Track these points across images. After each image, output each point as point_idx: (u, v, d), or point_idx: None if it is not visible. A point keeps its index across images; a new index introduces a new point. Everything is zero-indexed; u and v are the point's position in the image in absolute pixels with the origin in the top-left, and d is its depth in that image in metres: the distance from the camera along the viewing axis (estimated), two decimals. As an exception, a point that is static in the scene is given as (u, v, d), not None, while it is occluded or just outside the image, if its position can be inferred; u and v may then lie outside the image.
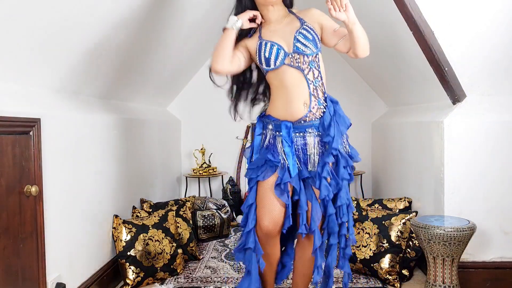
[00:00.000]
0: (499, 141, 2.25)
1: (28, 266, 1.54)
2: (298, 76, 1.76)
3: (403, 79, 2.91)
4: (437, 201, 2.37)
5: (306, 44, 1.75)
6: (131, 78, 2.61)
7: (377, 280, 2.34)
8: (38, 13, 1.46)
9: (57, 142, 1.78)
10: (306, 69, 1.76)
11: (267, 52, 1.77)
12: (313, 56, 1.77)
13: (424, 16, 2.02)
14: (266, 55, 1.77)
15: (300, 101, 1.77)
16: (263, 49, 1.77)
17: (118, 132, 2.49)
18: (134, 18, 2.12)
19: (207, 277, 2.44)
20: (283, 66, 1.76)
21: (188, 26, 2.87)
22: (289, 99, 1.78)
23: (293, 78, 1.77)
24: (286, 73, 1.77)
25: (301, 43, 1.75)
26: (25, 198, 1.51)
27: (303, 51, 1.75)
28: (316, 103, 1.80)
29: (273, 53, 1.76)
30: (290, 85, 1.77)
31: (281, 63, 1.76)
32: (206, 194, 3.96)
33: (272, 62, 1.77)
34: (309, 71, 1.77)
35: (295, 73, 1.76)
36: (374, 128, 3.89)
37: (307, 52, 1.75)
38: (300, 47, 1.75)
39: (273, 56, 1.76)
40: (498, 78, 2.21)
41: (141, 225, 2.36)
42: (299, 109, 1.77)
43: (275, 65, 1.76)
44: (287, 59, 1.76)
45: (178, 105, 3.98)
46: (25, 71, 1.60)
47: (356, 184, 3.96)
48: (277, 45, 1.76)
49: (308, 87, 1.78)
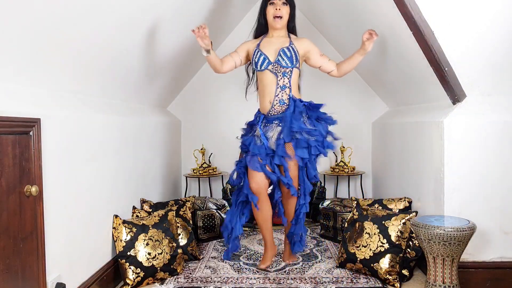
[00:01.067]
0: (499, 141, 2.25)
1: (28, 266, 1.55)
2: (273, 80, 2.49)
3: (403, 79, 2.91)
4: (437, 201, 2.37)
5: (284, 58, 2.48)
6: (131, 78, 2.61)
7: (377, 280, 2.34)
8: (38, 13, 1.46)
9: (57, 142, 1.78)
10: (279, 76, 2.48)
11: (257, 58, 2.52)
12: (287, 69, 2.48)
13: (424, 16, 2.02)
14: (256, 60, 2.53)
15: (267, 99, 2.51)
16: (256, 56, 2.54)
17: (118, 132, 2.49)
18: (135, 18, 2.12)
19: (207, 277, 2.44)
20: (266, 70, 2.51)
21: (189, 25, 2.87)
22: (262, 96, 2.54)
23: (269, 80, 2.50)
24: (267, 76, 2.51)
25: (281, 57, 2.49)
26: (25, 198, 1.51)
27: (281, 63, 2.48)
28: (277, 102, 2.49)
29: (260, 59, 2.51)
30: (265, 86, 2.51)
31: (265, 68, 2.50)
32: (206, 194, 3.96)
33: (259, 66, 2.52)
34: (281, 78, 2.49)
35: (271, 77, 2.50)
36: (374, 128, 3.89)
37: (283, 64, 2.48)
38: (280, 60, 2.49)
39: (260, 62, 2.51)
40: (498, 78, 2.21)
41: (141, 225, 2.36)
42: (267, 105, 2.52)
43: (261, 68, 2.52)
44: (270, 66, 2.50)
45: (178, 105, 3.98)
46: (25, 71, 1.60)
47: (356, 184, 3.96)
48: (264, 55, 2.51)
49: (275, 90, 2.48)
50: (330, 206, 3.20)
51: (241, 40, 2.72)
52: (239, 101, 3.85)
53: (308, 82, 3.75)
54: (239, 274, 2.49)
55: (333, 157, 3.94)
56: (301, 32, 3.80)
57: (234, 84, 3.84)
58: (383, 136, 3.59)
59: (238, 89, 3.84)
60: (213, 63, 2.49)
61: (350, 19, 2.98)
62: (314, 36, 3.89)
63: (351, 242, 2.44)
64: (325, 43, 3.89)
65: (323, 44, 3.88)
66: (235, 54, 2.59)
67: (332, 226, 3.11)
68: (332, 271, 2.51)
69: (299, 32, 2.74)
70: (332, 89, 3.93)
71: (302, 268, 2.58)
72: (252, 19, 2.80)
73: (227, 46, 3.89)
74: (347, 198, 3.59)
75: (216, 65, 2.51)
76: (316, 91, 3.92)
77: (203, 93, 4.00)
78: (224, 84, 3.92)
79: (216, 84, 3.92)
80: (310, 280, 2.37)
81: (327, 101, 3.86)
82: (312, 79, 3.60)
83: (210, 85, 3.94)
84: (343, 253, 2.49)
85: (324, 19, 3.61)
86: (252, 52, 2.55)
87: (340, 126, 3.93)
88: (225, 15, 3.39)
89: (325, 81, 3.71)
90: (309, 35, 3.86)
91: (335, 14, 3.23)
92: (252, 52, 2.55)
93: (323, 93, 3.93)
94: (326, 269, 2.55)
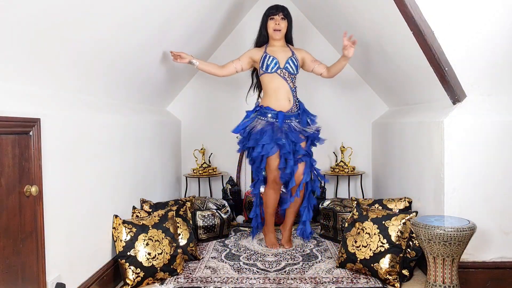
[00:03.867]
0: (500, 141, 2.25)
1: (28, 266, 1.54)
2: (282, 83, 2.94)
3: (403, 79, 2.91)
4: (437, 201, 2.37)
5: (292, 66, 2.95)
6: (131, 78, 2.61)
7: (377, 280, 2.34)
8: (39, 13, 1.46)
9: (57, 142, 1.77)
10: (288, 80, 2.95)
11: (269, 61, 2.93)
12: (293, 75, 2.98)
13: (424, 16, 2.02)
14: (268, 62, 2.93)
15: (285, 97, 2.94)
16: (267, 58, 2.94)
17: (118, 132, 2.49)
18: (135, 18, 2.12)
19: (207, 277, 2.44)
20: (275, 73, 2.93)
21: (189, 26, 2.87)
22: (275, 96, 2.94)
23: (280, 83, 2.94)
24: (276, 79, 2.94)
25: (289, 64, 2.95)
26: (25, 198, 1.51)
27: (289, 70, 2.95)
28: (296, 101, 2.98)
29: (272, 63, 2.93)
30: (278, 87, 2.94)
31: (275, 71, 2.93)
32: (206, 194, 3.96)
33: (270, 68, 2.93)
34: (290, 82, 2.96)
35: (281, 80, 2.94)
36: (374, 128, 3.89)
37: (291, 71, 2.96)
38: (288, 67, 2.95)
39: (272, 65, 2.93)
40: (499, 78, 2.21)
41: (141, 225, 2.36)
42: (285, 103, 2.94)
43: (271, 70, 2.93)
44: (278, 70, 2.93)
45: (178, 105, 3.98)
46: (25, 71, 1.59)
47: (356, 184, 3.96)
48: (276, 59, 2.94)
49: (291, 91, 2.96)
50: (330, 206, 3.20)
51: (240, 40, 2.73)
52: (239, 101, 3.86)
53: (308, 82, 3.76)
54: (239, 274, 2.49)
55: (333, 157, 3.94)
56: (301, 32, 3.82)
57: (234, 84, 3.84)
58: (383, 136, 3.59)
59: (238, 89, 3.85)
60: (207, 69, 2.96)
61: (351, 19, 2.98)
62: (314, 36, 3.89)
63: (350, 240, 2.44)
64: (325, 43, 3.89)
65: (323, 44, 3.88)
66: (237, 60, 3.01)
67: (332, 226, 3.11)
68: (332, 271, 2.51)
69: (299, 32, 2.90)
70: (332, 89, 3.93)
71: (302, 268, 2.58)
72: (250, 21, 2.82)
73: (228, 46, 3.90)
74: (347, 198, 3.59)
75: (211, 70, 2.97)
76: (316, 91, 3.92)
77: (203, 93, 4.00)
78: (224, 84, 3.92)
79: (216, 84, 3.92)
80: (310, 280, 2.37)
81: (327, 101, 3.93)
82: (313, 79, 3.59)
83: (210, 85, 3.94)
84: (343, 253, 2.49)
85: (324, 19, 3.61)
86: (259, 58, 2.96)
87: (340, 126, 3.97)
88: (225, 14, 3.39)
89: (326, 81, 3.71)
90: (309, 35, 3.88)
91: (335, 14, 3.23)
92: (258, 58, 2.96)
93: (323, 93, 3.94)
94: (326, 269, 2.55)
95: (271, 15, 2.96)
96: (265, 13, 3.02)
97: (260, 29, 3.05)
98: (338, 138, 3.89)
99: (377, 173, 3.81)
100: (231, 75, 3.05)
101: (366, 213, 2.48)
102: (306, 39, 3.81)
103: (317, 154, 3.20)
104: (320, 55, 3.26)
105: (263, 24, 3.01)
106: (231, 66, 3.00)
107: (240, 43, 3.76)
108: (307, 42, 3.76)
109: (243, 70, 3.06)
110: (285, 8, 2.99)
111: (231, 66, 3.00)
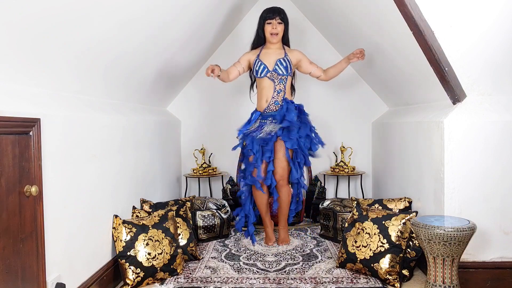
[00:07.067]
0: (500, 141, 2.25)
1: (28, 266, 1.54)
2: (271, 85, 3.01)
3: (403, 79, 2.91)
4: (437, 201, 2.37)
5: (281, 68, 3.00)
6: (131, 78, 2.61)
7: (377, 280, 2.34)
8: (39, 13, 1.46)
9: (57, 142, 1.77)
10: (276, 82, 3.00)
11: (258, 67, 3.03)
12: (283, 76, 3.00)
13: (424, 16, 2.02)
14: (256, 68, 3.04)
15: (264, 99, 3.03)
16: (256, 65, 3.04)
17: (118, 132, 2.49)
18: (135, 18, 2.12)
19: (207, 277, 2.44)
20: (265, 77, 3.01)
21: (189, 27, 2.87)
22: (260, 97, 3.06)
23: (267, 85, 3.02)
24: (265, 81, 3.02)
25: (278, 66, 3.00)
26: (25, 198, 1.51)
27: (278, 71, 3.00)
28: (273, 102, 3.01)
29: (260, 68, 3.02)
30: (263, 89, 3.03)
31: (265, 75, 3.01)
32: (206, 194, 3.96)
33: (259, 74, 3.03)
34: (278, 84, 3.00)
35: (269, 82, 3.01)
36: (374, 128, 3.89)
37: (280, 72, 3.00)
38: (277, 69, 3.00)
39: (260, 70, 3.02)
40: (499, 78, 2.21)
41: (141, 225, 2.36)
42: (263, 104, 3.03)
43: (260, 75, 3.03)
44: (268, 74, 3.00)
45: (178, 105, 3.98)
46: (25, 71, 1.60)
47: (356, 184, 3.96)
48: (264, 65, 3.01)
49: (272, 93, 3.00)
50: (330, 206, 3.20)
51: (240, 40, 2.72)
52: (239, 101, 3.87)
53: (309, 82, 3.76)
54: (239, 274, 2.49)
55: (333, 157, 3.94)
56: (301, 32, 3.82)
57: (234, 84, 3.84)
58: (383, 136, 3.59)
59: (238, 90, 3.85)
60: (222, 79, 2.99)
61: (350, 19, 2.98)
62: (314, 36, 3.89)
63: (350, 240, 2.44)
64: (325, 43, 3.89)
65: (324, 43, 3.88)
66: (238, 64, 3.09)
67: (332, 226, 3.11)
68: (332, 271, 2.51)
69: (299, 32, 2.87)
70: (332, 89, 3.93)
71: (302, 268, 2.58)
72: (250, 21, 2.81)
73: (228, 46, 3.90)
74: (347, 198, 3.59)
75: (225, 79, 3.03)
76: (316, 91, 3.92)
77: (203, 93, 4.00)
78: (224, 85, 3.91)
79: (216, 84, 3.91)
80: (310, 280, 2.37)
81: (327, 101, 3.93)
82: (313, 79, 3.59)
83: (210, 85, 3.94)
84: (343, 253, 2.49)
85: (324, 19, 3.61)
86: (253, 62, 3.06)
87: (340, 126, 3.97)
88: (225, 15, 3.39)
89: (326, 81, 3.71)
90: (308, 35, 3.88)
91: (335, 14, 3.23)
92: (253, 62, 3.07)
93: (324, 93, 3.94)
94: (326, 269, 2.55)
95: (268, 19, 3.00)
96: (262, 15, 3.04)
97: (257, 30, 3.10)
98: (338, 138, 3.90)
99: (377, 173, 3.81)
100: (236, 78, 3.13)
101: (366, 213, 2.48)
102: (306, 39, 3.81)
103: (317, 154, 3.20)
104: (320, 55, 3.27)
105: (260, 26, 3.06)
106: (235, 70, 3.07)
107: (240, 44, 3.76)
108: (307, 42, 3.76)
109: (244, 72, 3.14)
110: (281, 11, 3.02)
111: (235, 70, 3.07)
